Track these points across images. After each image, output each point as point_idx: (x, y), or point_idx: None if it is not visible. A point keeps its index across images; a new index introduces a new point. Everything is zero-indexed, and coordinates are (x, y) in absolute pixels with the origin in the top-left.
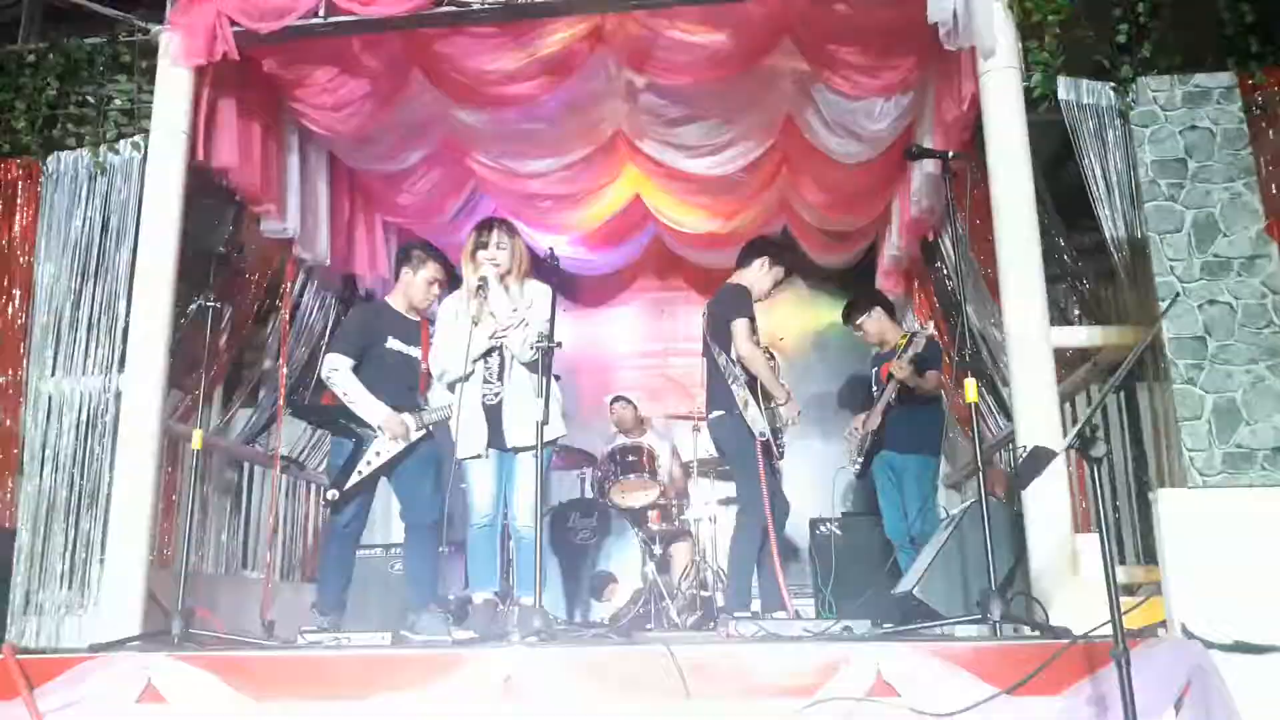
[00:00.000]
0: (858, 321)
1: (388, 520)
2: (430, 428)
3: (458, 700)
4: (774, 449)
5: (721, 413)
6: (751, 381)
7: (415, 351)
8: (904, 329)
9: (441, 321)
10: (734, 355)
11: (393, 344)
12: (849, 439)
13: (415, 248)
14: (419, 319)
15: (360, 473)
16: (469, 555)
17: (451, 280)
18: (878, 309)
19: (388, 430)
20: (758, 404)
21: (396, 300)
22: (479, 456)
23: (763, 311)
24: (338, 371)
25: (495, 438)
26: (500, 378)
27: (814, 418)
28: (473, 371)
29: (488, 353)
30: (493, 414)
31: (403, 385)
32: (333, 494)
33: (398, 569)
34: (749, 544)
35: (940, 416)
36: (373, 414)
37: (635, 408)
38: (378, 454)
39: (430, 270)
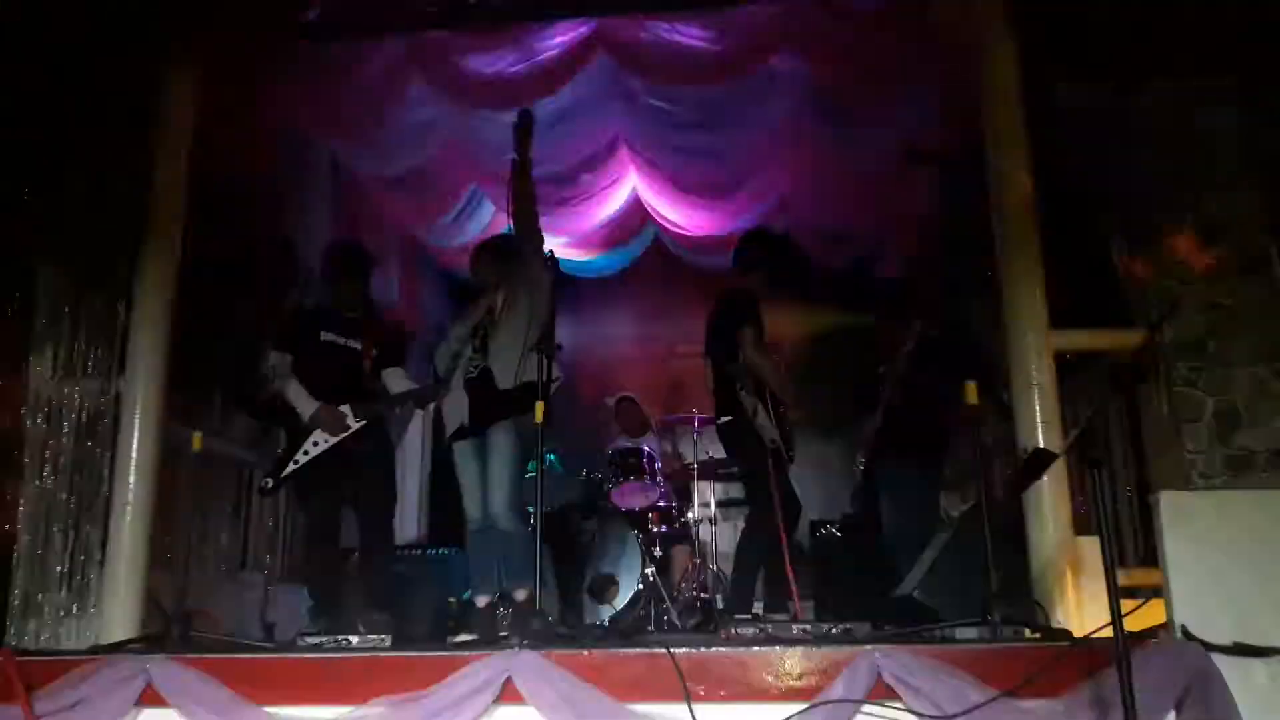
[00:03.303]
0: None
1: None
2: (378, 419)
3: (458, 702)
4: (784, 454)
5: (730, 419)
6: (760, 388)
7: (354, 343)
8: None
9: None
10: (742, 362)
11: (326, 336)
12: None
13: (338, 251)
14: (357, 315)
15: (296, 461)
16: (469, 559)
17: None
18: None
19: (319, 423)
20: (767, 411)
21: (330, 300)
22: (462, 437)
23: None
24: (276, 368)
25: (476, 414)
26: (484, 349)
27: (814, 420)
28: (460, 351)
29: (475, 331)
30: (473, 387)
31: (342, 376)
32: (266, 482)
33: (398, 570)
34: (756, 548)
35: (944, 417)
36: (305, 408)
37: (640, 409)
38: (315, 444)
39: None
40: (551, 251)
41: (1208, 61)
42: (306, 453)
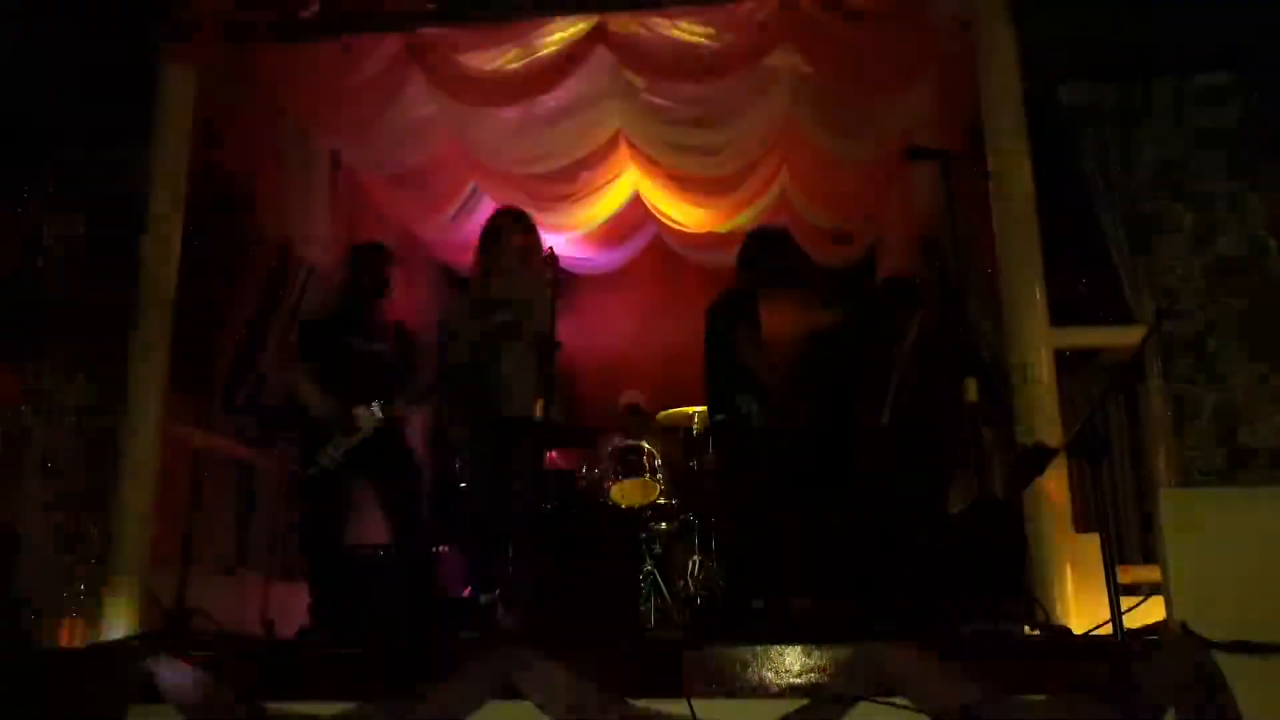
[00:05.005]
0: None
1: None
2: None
3: (457, 701)
4: (778, 454)
5: (724, 416)
6: (754, 386)
7: (379, 346)
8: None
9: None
10: (737, 360)
11: (351, 341)
12: None
13: (364, 255)
14: (380, 319)
15: (321, 464)
16: (478, 556)
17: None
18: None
19: (348, 424)
20: (759, 410)
21: (350, 305)
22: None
23: (763, 311)
24: (304, 377)
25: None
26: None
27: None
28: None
29: (494, 331)
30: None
31: (366, 380)
32: (315, 470)
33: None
34: (751, 546)
35: (950, 415)
36: (322, 410)
37: (645, 411)
38: (336, 446)
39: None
40: (551, 248)
41: (1208, 61)
42: (331, 455)
